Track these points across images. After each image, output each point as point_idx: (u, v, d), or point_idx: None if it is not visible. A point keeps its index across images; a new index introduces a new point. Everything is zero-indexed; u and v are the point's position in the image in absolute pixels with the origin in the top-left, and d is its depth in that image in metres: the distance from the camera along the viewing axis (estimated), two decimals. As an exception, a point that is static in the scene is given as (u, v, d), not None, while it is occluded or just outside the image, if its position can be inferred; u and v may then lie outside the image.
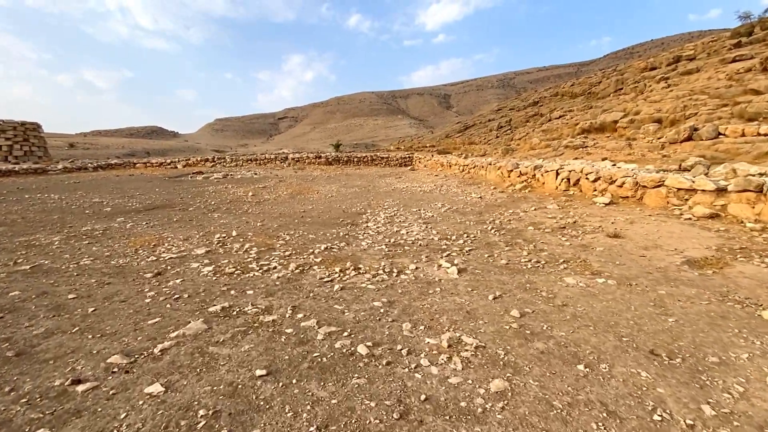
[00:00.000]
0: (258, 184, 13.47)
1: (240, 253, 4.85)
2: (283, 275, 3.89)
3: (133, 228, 6.70)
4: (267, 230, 6.30)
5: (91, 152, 35.14)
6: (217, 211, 8.39)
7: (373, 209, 8.27)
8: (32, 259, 4.81)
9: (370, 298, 3.20)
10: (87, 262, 4.61)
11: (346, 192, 11.47)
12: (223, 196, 10.82)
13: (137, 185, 13.35)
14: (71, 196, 10.86)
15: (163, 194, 11.15)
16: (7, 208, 8.89)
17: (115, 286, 3.74)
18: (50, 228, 6.83)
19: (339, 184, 13.47)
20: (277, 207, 8.85)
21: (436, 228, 6.06)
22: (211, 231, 6.29)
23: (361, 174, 17.74)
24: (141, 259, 4.72)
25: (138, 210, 8.67)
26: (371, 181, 14.50)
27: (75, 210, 8.73)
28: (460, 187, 11.61)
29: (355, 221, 7.00)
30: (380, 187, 12.49)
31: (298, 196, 10.72)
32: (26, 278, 4.07)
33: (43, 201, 9.93)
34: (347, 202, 9.51)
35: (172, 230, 6.47)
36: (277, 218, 7.45)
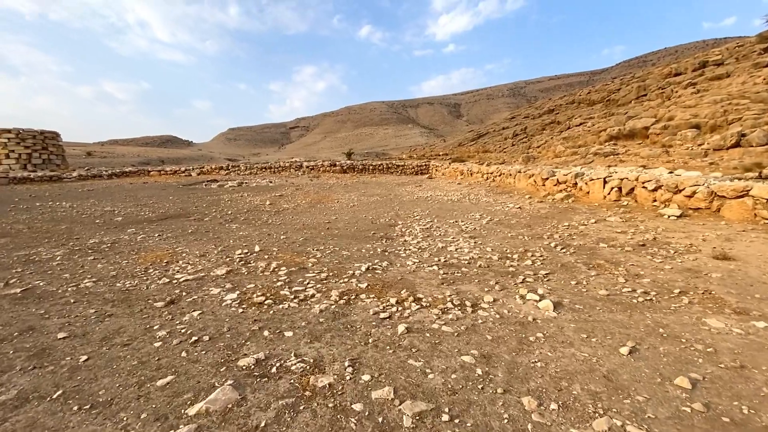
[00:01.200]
0: (275, 193, 12.75)
1: (267, 275, 4.04)
2: (326, 307, 3.05)
3: (145, 241, 5.95)
4: (293, 245, 5.49)
5: (108, 160, 35.06)
6: (234, 222, 7.63)
7: (404, 220, 7.43)
8: (26, 279, 4.06)
9: (453, 348, 2.34)
10: (88, 285, 3.83)
11: (368, 201, 10.67)
12: (239, 205, 10.10)
13: (151, 193, 12.73)
14: (83, 204, 10.24)
15: (177, 203, 10.47)
16: (15, 217, 8.25)
17: (117, 320, 2.94)
18: (55, 240, 6.12)
19: (358, 193, 12.70)
20: (299, 217, 8.06)
21: (487, 244, 5.19)
22: (231, 245, 5.50)
23: (379, 182, 16.97)
24: (151, 280, 3.93)
25: (151, 220, 7.95)
26: (391, 190, 13.71)
27: (85, 219, 8.04)
28: (490, 196, 10.74)
29: (389, 234, 6.17)
30: (402, 196, 11.68)
31: (318, 205, 9.95)
32: (13, 305, 3.30)
33: (53, 209, 9.30)
34: (372, 212, 8.70)
35: (186, 244, 5.70)
36: (301, 230, 6.65)
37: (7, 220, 7.98)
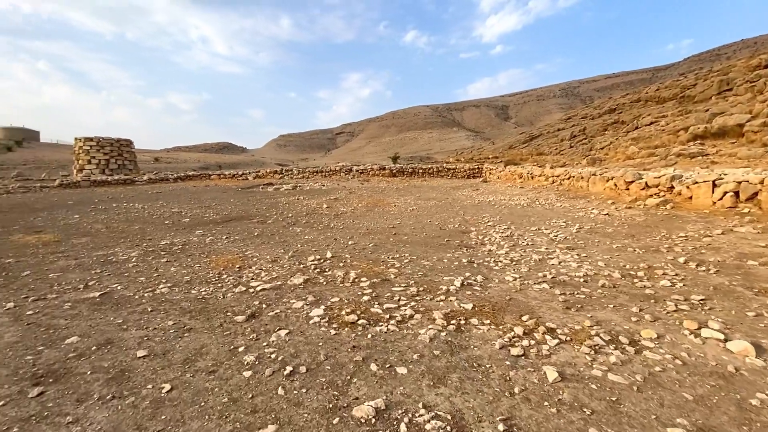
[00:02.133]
0: (329, 196, 12.53)
1: (348, 286, 3.55)
2: (435, 335, 2.48)
3: (213, 243, 5.77)
4: (363, 251, 5.01)
5: (173, 165, 37.43)
6: (296, 225, 7.35)
7: (476, 226, 6.73)
8: (104, 282, 3.89)
9: (643, 411, 1.66)
10: (164, 290, 3.57)
11: (426, 205, 10.06)
12: (297, 208, 9.91)
13: (213, 195, 13.01)
14: (153, 205, 10.58)
15: (238, 205, 10.52)
16: (95, 217, 8.59)
17: (197, 336, 2.56)
18: (130, 240, 6.13)
19: (413, 196, 12.12)
20: (359, 221, 7.63)
21: (593, 257, 4.37)
22: (300, 250, 5.13)
23: (431, 186, 16.29)
24: (226, 288, 3.59)
25: (216, 222, 7.90)
26: (446, 194, 12.99)
27: (155, 220, 8.17)
28: (563, 200, 9.70)
29: (465, 242, 5.51)
30: (461, 200, 10.94)
31: (375, 209, 9.50)
32: (92, 312, 3.06)
33: (127, 210, 9.64)
34: (435, 216, 8.07)
35: (255, 247, 5.43)
36: (367, 235, 6.19)
37: (88, 219, 8.31)
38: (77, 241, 6.25)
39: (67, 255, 5.19)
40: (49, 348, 2.46)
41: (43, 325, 2.83)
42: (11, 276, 4.22)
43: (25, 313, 3.07)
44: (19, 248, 5.74)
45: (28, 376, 2.12)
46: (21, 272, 4.35)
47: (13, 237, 6.61)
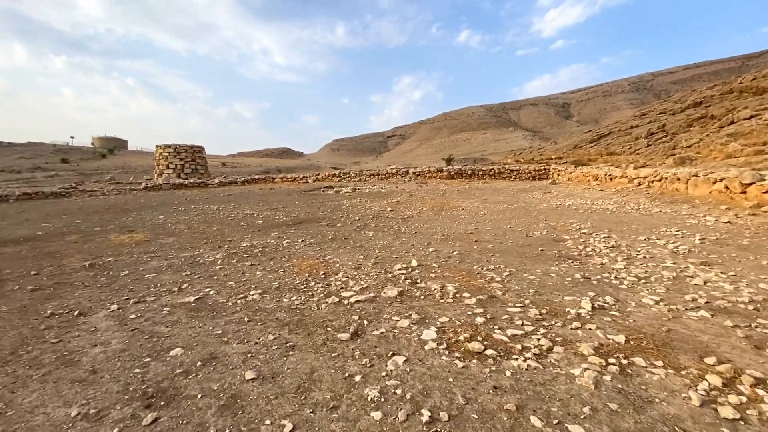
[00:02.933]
0: (390, 199, 12.21)
1: (450, 302, 3.11)
2: (598, 379, 1.95)
3: (291, 246, 5.64)
4: (449, 259, 4.55)
5: (238, 170, 39.77)
6: (366, 229, 7.07)
7: (569, 234, 5.96)
8: (196, 285, 3.83)
9: None
10: (255, 297, 3.39)
11: (497, 209, 9.33)
12: (361, 210, 9.70)
13: (279, 198, 13.30)
14: (226, 207, 10.98)
15: (304, 207, 10.57)
16: (177, 218, 9.02)
17: (303, 357, 2.27)
18: (212, 241, 6.23)
19: (478, 199, 11.40)
20: (430, 225, 7.18)
21: (745, 276, 3.51)
22: (381, 257, 4.80)
23: (494, 188, 15.37)
24: (318, 298, 3.32)
25: (287, 224, 7.90)
26: (514, 196, 12.09)
27: (231, 222, 8.38)
28: (659, 205, 8.47)
29: (564, 252, 4.83)
30: (534, 203, 10.05)
31: (442, 213, 8.98)
32: (190, 319, 2.93)
33: (204, 212, 10.05)
34: (514, 221, 7.37)
35: (332, 251, 5.20)
36: (445, 241, 5.71)
37: (171, 220, 8.74)
38: (164, 241, 6.49)
39: (158, 255, 5.33)
40: (155, 360, 2.31)
41: (146, 331, 2.73)
42: (112, 275, 4.34)
43: (128, 317, 3.02)
44: (116, 247, 6.05)
45: (139, 395, 1.94)
46: (120, 272, 4.48)
47: (110, 236, 7.05)
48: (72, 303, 3.40)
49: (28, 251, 5.83)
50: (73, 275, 4.42)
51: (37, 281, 4.17)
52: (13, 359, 2.36)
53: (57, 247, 6.12)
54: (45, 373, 2.18)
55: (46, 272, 4.56)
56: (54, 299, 3.52)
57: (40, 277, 4.35)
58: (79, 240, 6.68)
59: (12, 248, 6.09)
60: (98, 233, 7.31)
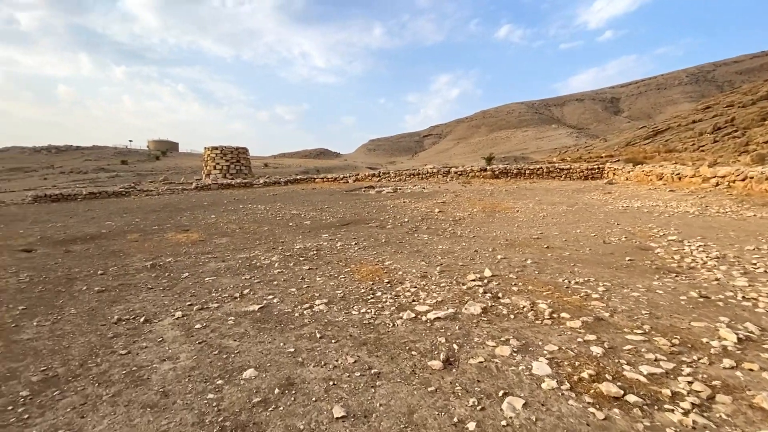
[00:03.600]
0: (435, 199, 11.71)
1: (549, 324, 2.63)
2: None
3: (345, 249, 5.36)
4: (525, 269, 4.04)
5: (279, 170, 40.79)
6: (419, 231, 6.66)
7: (656, 242, 5.23)
8: (258, 291, 3.61)
9: None
10: (322, 308, 3.09)
11: (556, 211, 8.58)
12: (408, 212, 9.30)
13: (322, 198, 13.22)
14: (273, 207, 11.00)
15: (348, 207, 10.35)
16: (228, 218, 9.09)
17: (394, 389, 1.91)
18: (264, 242, 6.10)
19: (531, 200, 10.63)
20: (487, 228, 6.65)
21: None
22: (445, 264, 4.38)
23: (546, 188, 14.39)
24: (390, 311, 2.97)
25: (335, 225, 7.67)
26: (571, 197, 11.18)
27: (280, 222, 8.28)
28: (749, 207, 7.41)
29: (659, 263, 4.16)
30: (597, 205, 9.17)
31: (496, 215, 8.39)
32: (258, 332, 2.67)
33: (253, 212, 10.09)
34: (580, 225, 6.67)
35: (390, 256, 4.84)
36: (511, 247, 5.18)
37: (223, 220, 8.80)
38: (219, 241, 6.45)
39: (215, 257, 5.24)
40: (229, 383, 2.04)
41: (214, 345, 2.49)
42: (173, 278, 4.25)
43: (193, 326, 2.82)
44: (174, 247, 6.07)
45: (217, 431, 1.65)
46: (180, 273, 4.38)
47: (167, 235, 7.15)
48: (137, 307, 3.28)
49: (94, 249, 5.98)
50: (136, 276, 4.37)
51: (104, 282, 4.14)
52: (83, 373, 2.19)
53: (120, 245, 6.25)
54: (115, 392, 1.98)
55: (111, 272, 4.56)
56: (120, 302, 3.43)
57: (106, 277, 4.34)
58: (139, 239, 6.81)
59: (80, 246, 6.29)
60: (156, 232, 7.46)
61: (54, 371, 2.20)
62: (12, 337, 2.69)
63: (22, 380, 2.11)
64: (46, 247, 6.20)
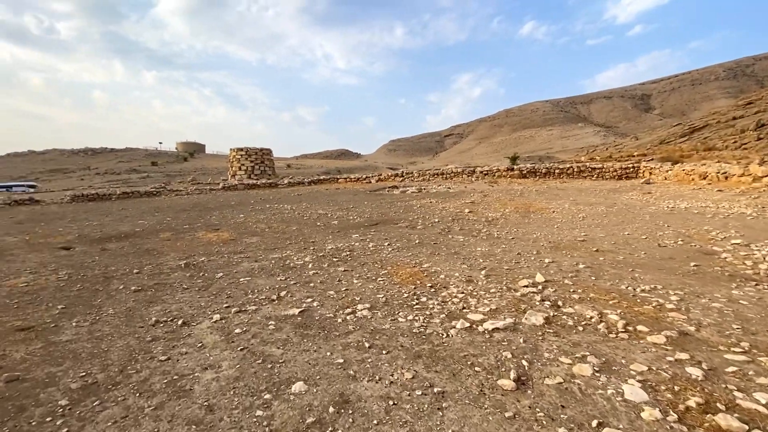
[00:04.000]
0: (463, 199, 11.35)
1: (626, 339, 2.31)
2: None
3: (378, 250, 5.14)
4: (579, 274, 3.70)
5: (301, 171, 41.19)
6: (451, 232, 6.37)
7: (719, 245, 4.75)
8: (295, 293, 3.43)
9: None
10: (365, 314, 2.87)
11: (595, 212, 8.09)
12: (436, 211, 9.01)
13: (346, 198, 13.08)
14: (299, 207, 10.94)
15: (374, 207, 10.14)
16: (256, 217, 9.06)
17: (465, 414, 1.67)
18: (295, 242, 5.96)
19: (565, 200, 10.12)
20: (525, 230, 6.29)
21: None
22: (489, 267, 4.08)
23: (578, 188, 13.76)
24: (440, 319, 2.72)
25: (363, 225, 7.47)
26: (608, 197, 10.59)
27: (307, 221, 8.16)
28: (818, 210, 6.69)
29: (727, 269, 3.74)
30: (639, 206, 8.61)
31: (531, 215, 7.98)
32: (301, 339, 2.47)
33: (280, 211, 10.04)
34: (627, 227, 6.21)
35: (427, 258, 4.59)
36: (557, 250, 4.83)
37: (251, 219, 8.76)
38: (249, 240, 6.37)
39: (248, 256, 5.12)
40: (277, 398, 1.84)
41: (257, 353, 2.31)
42: (207, 277, 4.14)
43: (233, 331, 2.66)
44: (206, 246, 6.02)
45: (271, 457, 1.45)
46: (215, 273, 4.27)
47: (198, 234, 7.14)
48: (174, 309, 3.16)
49: (129, 248, 6.00)
50: (171, 275, 4.29)
51: (139, 280, 4.08)
52: (123, 381, 2.04)
53: (153, 244, 6.26)
54: (157, 405, 1.81)
55: (146, 271, 4.50)
56: (156, 303, 3.32)
57: (141, 276, 4.28)
58: (171, 237, 6.82)
59: (116, 244, 6.34)
60: (187, 231, 7.47)
61: (94, 377, 2.07)
62: (51, 338, 2.61)
63: (61, 387, 1.99)
64: (84, 245, 6.28)
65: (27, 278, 4.33)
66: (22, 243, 6.55)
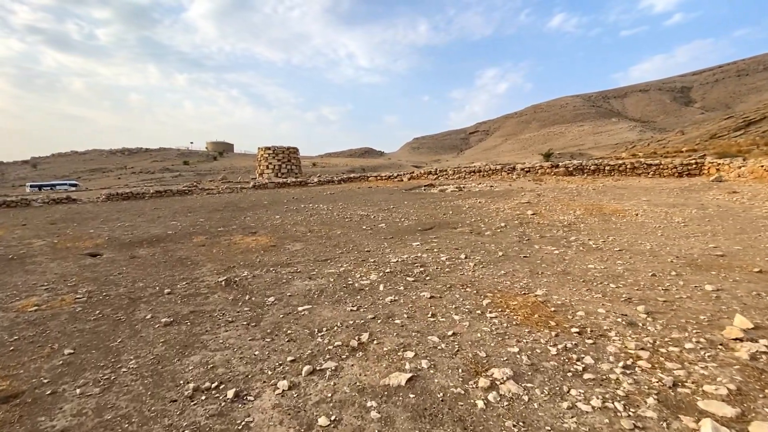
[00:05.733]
0: (516, 199, 10.05)
1: None
2: None
3: (457, 266, 4.04)
4: None
5: (326, 169, 40.60)
6: (532, 242, 5.19)
7: None
8: (382, 338, 2.40)
9: None
10: (513, 389, 1.82)
11: (689, 215, 6.71)
12: (491, 213, 7.84)
13: (383, 197, 12.02)
14: (335, 206, 9.98)
15: (417, 208, 9.05)
16: (293, 218, 8.14)
17: None
18: (346, 251, 4.97)
19: (638, 201, 8.69)
20: (625, 239, 5.07)
21: None
22: (636, 298, 2.91)
23: (641, 187, 12.11)
24: (664, 416, 1.56)
25: (416, 229, 6.39)
26: (687, 198, 9.07)
27: (351, 224, 7.16)
28: None
29: None
30: (738, 208, 7.16)
31: (611, 219, 6.68)
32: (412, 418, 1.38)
33: (316, 212, 9.10)
34: (755, 235, 4.83)
35: (531, 279, 3.46)
36: (700, 271, 3.60)
37: (289, 221, 7.85)
38: (293, 247, 5.41)
39: (298, 270, 4.13)
40: None
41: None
42: (255, 303, 3.15)
43: (315, 419, 1.62)
44: (245, 254, 5.10)
45: None
46: (264, 297, 3.28)
47: (234, 238, 6.25)
48: (218, 362, 2.17)
49: (160, 255, 5.15)
50: (210, 298, 3.34)
51: (171, 306, 3.14)
52: None
53: (187, 250, 5.39)
54: None
55: (179, 290, 3.58)
56: (193, 348, 2.35)
57: (174, 298, 3.35)
58: (206, 242, 5.96)
59: (146, 249, 5.52)
60: (222, 234, 6.61)
61: None
62: (40, 423, 1.64)
63: None
64: (112, 251, 5.49)
65: (40, 298, 3.49)
66: (48, 247, 5.84)
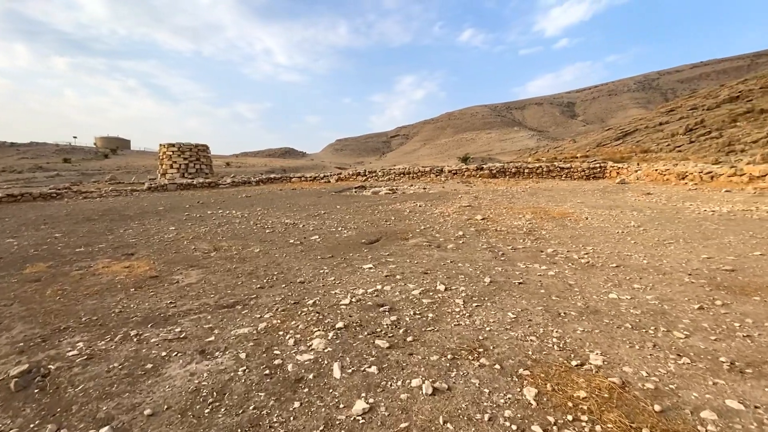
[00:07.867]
0: (455, 202, 9.33)
1: None
2: None
3: (443, 307, 2.78)
4: None
5: (242, 170, 36.54)
6: (508, 257, 4.23)
7: None
8: None
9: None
10: None
11: (640, 218, 6.58)
12: (440, 220, 6.90)
13: (310, 201, 10.30)
14: (252, 213, 8.05)
15: (353, 214, 7.68)
16: (195, 231, 6.07)
17: None
18: (270, 283, 3.35)
19: (572, 203, 8.61)
20: (608, 249, 4.46)
21: None
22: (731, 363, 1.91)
23: (563, 188, 12.51)
24: None
25: (360, 242, 5.04)
26: (611, 200, 9.34)
27: (274, 238, 5.46)
28: None
29: None
30: (669, 210, 7.32)
31: (567, 224, 6.21)
32: None
33: (228, 221, 7.07)
34: (731, 239, 4.57)
35: (556, 326, 2.42)
36: (735, 294, 2.85)
37: (187, 234, 5.77)
38: (184, 279, 3.57)
39: (182, 332, 2.39)
40: None
41: None
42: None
43: None
44: (100, 297, 3.10)
45: None
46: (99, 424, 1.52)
47: (97, 264, 4.09)
48: None
49: None
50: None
51: None
52: None
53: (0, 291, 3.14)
54: None
55: None
56: None
57: None
58: (44, 274, 3.73)
59: None
60: (79, 258, 4.36)
61: None
62: None
63: None
64: None
65: None
66: None
